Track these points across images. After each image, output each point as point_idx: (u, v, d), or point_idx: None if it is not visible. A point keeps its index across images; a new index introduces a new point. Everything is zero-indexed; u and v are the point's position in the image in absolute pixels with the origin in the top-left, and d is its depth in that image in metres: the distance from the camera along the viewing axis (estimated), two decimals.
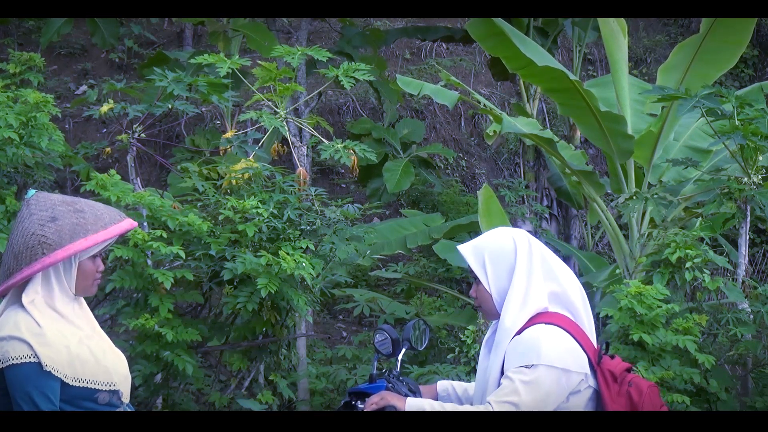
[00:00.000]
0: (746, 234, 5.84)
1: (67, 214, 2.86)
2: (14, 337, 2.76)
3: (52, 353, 2.76)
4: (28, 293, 2.83)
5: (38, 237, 2.81)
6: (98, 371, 2.84)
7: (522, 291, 3.07)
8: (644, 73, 12.72)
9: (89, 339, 2.89)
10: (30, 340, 2.75)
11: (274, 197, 5.17)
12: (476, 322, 5.71)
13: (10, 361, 2.75)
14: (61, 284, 2.87)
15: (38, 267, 2.81)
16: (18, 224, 2.88)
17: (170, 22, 12.53)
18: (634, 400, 3.03)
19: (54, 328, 2.81)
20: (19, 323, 2.79)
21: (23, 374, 2.73)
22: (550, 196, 9.87)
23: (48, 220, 2.84)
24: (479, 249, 3.13)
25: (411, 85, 7.05)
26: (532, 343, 3.00)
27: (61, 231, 2.83)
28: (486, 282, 3.10)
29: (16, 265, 2.83)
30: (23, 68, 6.27)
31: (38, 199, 2.90)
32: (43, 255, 2.81)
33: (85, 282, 2.92)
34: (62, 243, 2.82)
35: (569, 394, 3.02)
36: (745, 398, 5.46)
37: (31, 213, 2.87)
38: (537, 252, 3.11)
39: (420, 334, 3.47)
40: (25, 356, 2.74)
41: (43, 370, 2.73)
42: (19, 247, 2.83)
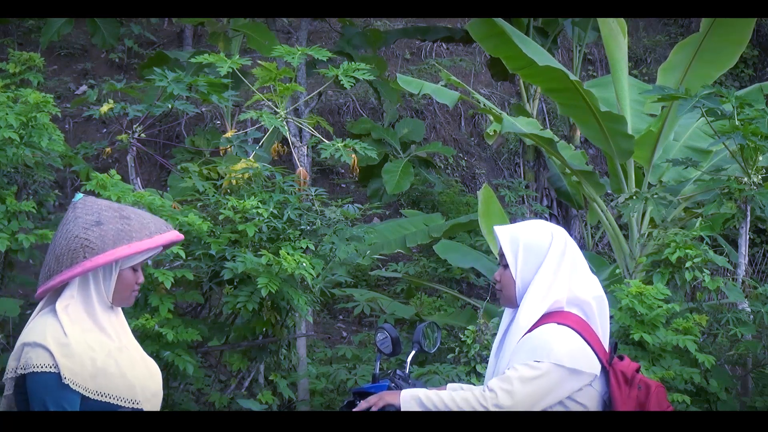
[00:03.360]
0: (746, 234, 5.84)
1: (113, 220, 2.81)
2: (39, 344, 2.72)
3: (74, 365, 2.71)
4: (63, 298, 2.79)
5: (81, 240, 2.76)
6: (122, 387, 2.78)
7: (545, 286, 3.09)
8: (644, 73, 12.72)
9: (120, 352, 2.83)
10: (53, 349, 2.71)
11: (274, 197, 5.17)
12: (476, 322, 5.71)
13: (32, 368, 2.71)
14: (99, 292, 2.82)
15: (78, 270, 2.76)
16: (62, 226, 2.83)
17: (170, 22, 12.53)
18: (641, 401, 3.04)
19: (82, 338, 2.76)
20: (46, 330, 2.74)
21: (42, 384, 2.70)
22: (550, 196, 9.88)
23: (93, 224, 2.79)
24: (516, 235, 3.15)
25: (411, 85, 7.05)
26: (542, 341, 3.02)
27: (104, 236, 2.78)
28: (514, 269, 3.12)
29: (56, 267, 2.78)
30: (23, 68, 6.27)
31: (85, 202, 2.85)
32: (85, 258, 2.75)
33: (123, 292, 2.87)
34: (105, 248, 2.77)
35: (573, 392, 3.03)
36: (745, 398, 5.47)
37: (77, 216, 2.82)
38: (569, 253, 3.13)
39: (436, 337, 3.48)
40: (46, 366, 2.70)
41: (61, 381, 2.69)
42: (61, 249, 2.78)
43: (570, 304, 3.11)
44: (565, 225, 9.82)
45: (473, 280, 9.26)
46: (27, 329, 2.81)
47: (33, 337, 2.75)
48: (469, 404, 3.02)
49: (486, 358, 5.46)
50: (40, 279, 2.84)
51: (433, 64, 12.32)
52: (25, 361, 2.73)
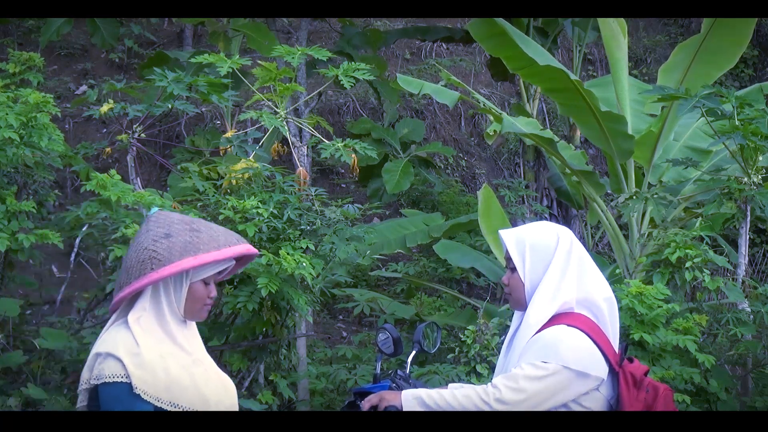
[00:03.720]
0: (746, 234, 5.84)
1: (182, 232, 2.80)
2: (111, 354, 2.72)
3: (147, 375, 2.70)
4: (135, 310, 2.79)
5: (149, 252, 2.77)
6: (195, 399, 2.77)
7: (553, 286, 3.08)
8: (644, 73, 12.72)
9: (194, 365, 2.82)
10: (125, 359, 2.70)
11: (274, 197, 5.16)
12: (476, 322, 5.71)
13: (104, 379, 2.71)
14: (170, 304, 2.81)
15: (145, 282, 2.75)
16: (135, 239, 2.84)
17: (170, 22, 12.54)
18: (649, 403, 3.04)
19: (154, 349, 2.75)
20: (118, 341, 2.74)
21: (114, 394, 2.69)
22: (550, 196, 9.88)
23: (162, 236, 2.79)
24: (522, 238, 3.14)
25: (411, 84, 7.05)
26: (551, 341, 3.02)
27: (172, 248, 2.77)
28: (522, 271, 3.12)
29: (126, 278, 2.79)
30: (23, 68, 6.27)
31: (158, 216, 2.86)
32: (151, 270, 2.75)
33: (194, 305, 2.85)
34: (171, 259, 2.76)
35: (579, 395, 3.03)
36: (745, 398, 5.46)
37: (149, 229, 2.82)
38: (576, 252, 3.12)
39: (436, 337, 3.48)
40: (118, 376, 2.70)
41: (132, 391, 2.69)
42: (131, 261, 2.79)
43: (580, 305, 3.10)
44: (565, 225, 9.75)
45: (473, 280, 9.26)
46: (99, 340, 2.80)
47: (105, 347, 2.74)
48: (471, 401, 3.01)
49: (486, 359, 5.46)
50: (114, 292, 2.84)
51: (433, 64, 12.33)
52: (98, 372, 2.72)
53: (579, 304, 3.10)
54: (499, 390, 3.01)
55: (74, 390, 5.42)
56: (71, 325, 6.47)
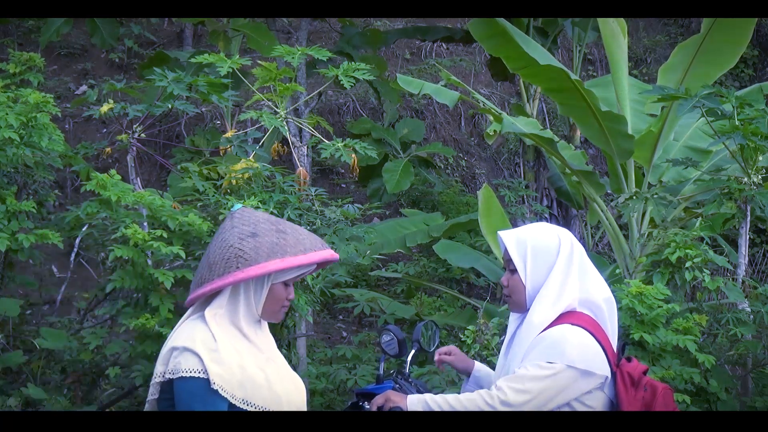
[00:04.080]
0: (746, 234, 5.84)
1: (269, 233, 2.78)
2: (188, 349, 2.70)
3: (223, 371, 2.69)
4: (213, 306, 2.76)
5: (235, 250, 2.74)
6: (269, 398, 2.76)
7: (556, 289, 3.08)
8: (644, 73, 12.72)
9: (267, 363, 2.80)
10: (202, 354, 2.68)
11: (274, 197, 5.16)
12: (476, 322, 5.70)
13: (180, 373, 2.68)
14: (248, 304, 2.78)
15: (230, 280, 2.73)
16: (218, 235, 2.81)
17: (170, 22, 12.54)
18: (647, 403, 3.04)
19: (231, 345, 2.73)
20: (195, 336, 2.72)
21: (190, 388, 2.68)
22: (550, 196, 9.88)
23: (248, 235, 2.76)
24: (522, 240, 3.14)
25: (411, 84, 7.05)
26: (556, 341, 3.01)
27: (259, 248, 2.74)
28: (524, 274, 3.11)
29: (208, 275, 2.75)
30: (23, 68, 6.27)
31: (242, 213, 2.83)
32: (237, 269, 2.72)
33: (272, 306, 2.83)
34: (258, 260, 2.73)
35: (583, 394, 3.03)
36: (745, 398, 5.46)
37: (233, 226, 2.79)
38: (577, 254, 3.13)
39: (432, 335, 3.48)
40: (195, 370, 2.68)
41: (210, 387, 2.67)
42: (214, 258, 2.76)
43: (581, 305, 3.11)
44: (565, 225, 9.82)
45: (473, 280, 9.26)
46: (175, 334, 2.78)
47: (182, 341, 2.72)
48: (475, 404, 3.01)
49: (486, 359, 5.46)
50: (192, 286, 2.81)
51: (433, 64, 12.33)
52: (174, 366, 2.70)
53: (581, 304, 3.11)
54: (504, 392, 3.00)
55: (74, 390, 5.42)
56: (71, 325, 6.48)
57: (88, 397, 5.45)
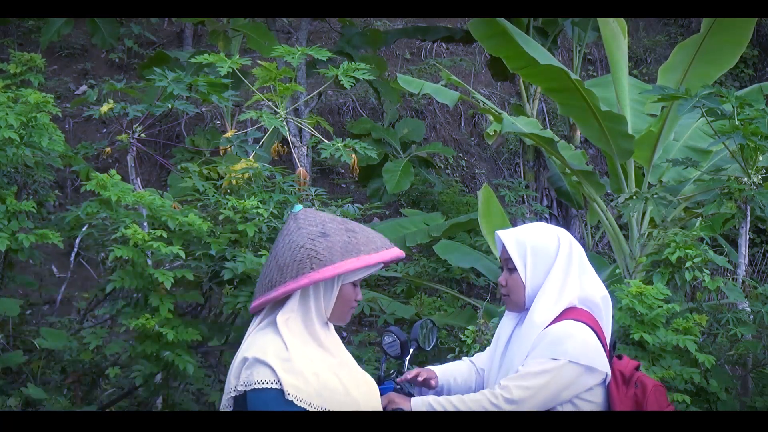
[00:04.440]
0: (746, 234, 5.84)
1: (339, 232, 2.72)
2: (259, 360, 2.64)
3: (298, 381, 2.62)
4: (284, 311, 2.69)
5: (308, 251, 2.66)
6: (347, 403, 2.70)
7: (557, 287, 3.10)
8: (644, 73, 12.72)
9: (340, 368, 2.75)
10: (275, 365, 2.62)
11: (274, 197, 5.16)
12: (476, 322, 5.70)
13: (253, 385, 2.63)
14: (318, 306, 2.72)
15: (305, 282, 2.65)
16: (284, 236, 2.74)
17: (170, 22, 12.54)
18: (639, 400, 3.05)
19: (303, 353, 2.66)
20: (267, 346, 2.65)
21: (264, 400, 2.62)
22: (550, 196, 9.88)
23: (318, 235, 2.69)
24: (522, 240, 3.15)
25: (412, 84, 7.05)
26: (560, 337, 3.03)
27: (332, 248, 2.68)
28: (524, 273, 3.12)
29: (279, 278, 2.68)
30: (24, 69, 6.27)
31: (306, 214, 2.77)
32: (311, 270, 2.65)
33: (342, 308, 2.77)
34: (333, 260, 2.67)
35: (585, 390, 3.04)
36: (745, 398, 5.46)
37: (300, 227, 2.72)
38: (576, 253, 3.15)
39: (427, 333, 3.48)
40: (268, 381, 2.62)
41: (284, 398, 2.61)
42: (285, 260, 2.68)
43: (581, 303, 3.13)
44: (565, 225, 9.82)
45: (473, 280, 9.26)
46: (246, 345, 2.72)
47: (253, 353, 2.66)
48: (479, 404, 3.01)
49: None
50: (258, 290, 2.74)
51: (433, 64, 12.33)
52: (246, 378, 2.64)
53: (580, 302, 3.13)
54: (509, 390, 3.01)
55: (74, 390, 5.42)
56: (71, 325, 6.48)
57: (88, 397, 5.45)
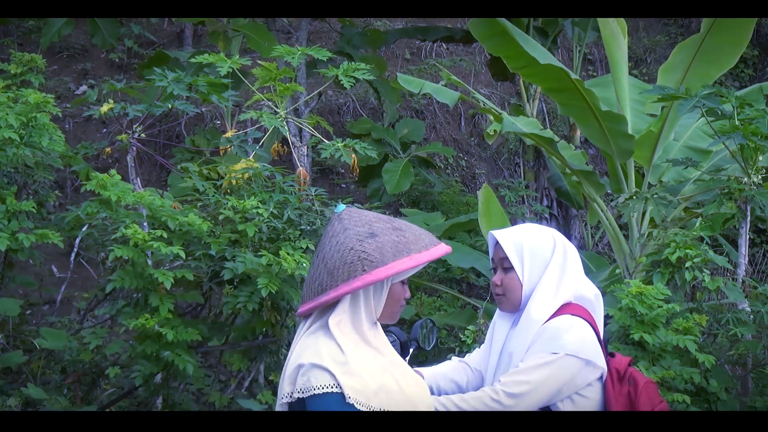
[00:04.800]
0: (746, 234, 5.84)
1: (387, 231, 2.67)
2: (316, 365, 2.59)
3: (357, 383, 2.59)
4: (336, 313, 2.65)
5: (358, 252, 2.62)
6: (404, 402, 2.67)
7: (554, 285, 3.12)
8: (644, 73, 12.72)
9: (393, 367, 2.72)
10: (333, 369, 2.58)
11: (274, 197, 5.17)
12: (476, 322, 5.70)
13: (312, 391, 2.59)
14: (368, 307, 2.68)
15: (358, 284, 2.61)
16: (330, 238, 2.69)
17: (170, 22, 12.54)
18: (631, 398, 3.07)
19: (358, 355, 2.63)
20: (322, 350, 2.61)
21: (325, 405, 2.58)
22: (550, 196, 9.88)
23: (367, 235, 2.64)
24: (518, 239, 3.16)
25: (412, 84, 7.05)
26: (558, 331, 3.04)
27: (382, 248, 2.63)
28: (521, 272, 3.13)
29: (330, 281, 2.63)
30: (24, 69, 6.28)
31: (351, 214, 2.71)
32: (364, 272, 2.61)
33: (392, 307, 2.74)
34: (385, 260, 2.62)
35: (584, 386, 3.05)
36: (745, 398, 5.46)
37: (346, 228, 2.67)
38: (571, 253, 3.18)
39: (427, 333, 3.48)
40: (328, 386, 2.58)
41: (345, 401, 2.58)
42: (334, 263, 2.63)
43: (576, 300, 3.16)
44: (565, 225, 9.83)
45: (473, 280, 9.26)
46: (298, 350, 2.68)
47: (308, 358, 2.61)
48: (481, 402, 3.02)
49: None
50: (307, 294, 2.69)
51: (433, 64, 12.33)
52: (303, 384, 2.60)
53: (575, 299, 3.16)
54: (509, 385, 3.02)
55: (74, 390, 5.42)
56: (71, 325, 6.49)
57: (88, 397, 5.45)
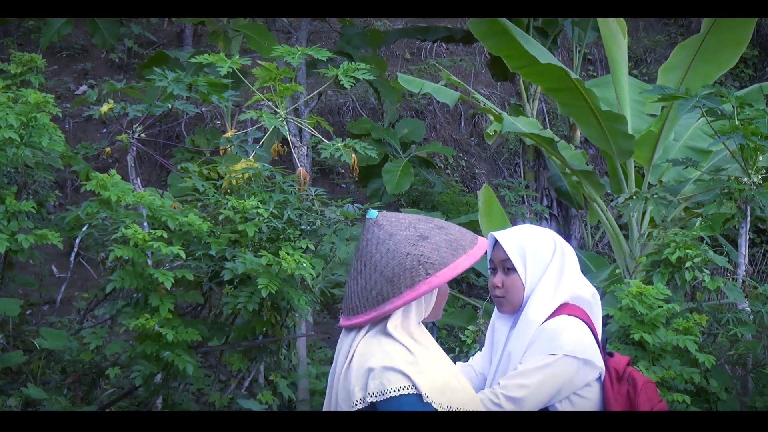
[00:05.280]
0: (746, 234, 5.84)
1: (434, 232, 2.62)
2: (389, 367, 2.55)
3: (429, 382, 2.56)
4: (394, 317, 2.61)
5: (416, 257, 2.57)
6: (466, 400, 2.66)
7: (552, 286, 3.13)
8: (644, 73, 12.72)
9: (447, 363, 2.69)
10: (406, 370, 2.55)
11: (274, 197, 5.16)
12: (476, 322, 5.71)
13: (388, 393, 2.54)
14: (419, 307, 2.65)
15: (425, 288, 2.57)
16: (377, 246, 2.63)
17: (170, 22, 12.54)
18: (630, 397, 3.07)
19: (422, 354, 2.61)
20: (389, 352, 2.58)
21: (403, 407, 2.54)
22: (550, 196, 9.88)
23: (417, 238, 2.59)
24: (519, 241, 3.16)
25: (412, 84, 7.05)
26: (556, 332, 3.04)
27: (438, 249, 2.59)
28: (524, 274, 3.13)
29: (392, 289, 2.58)
30: (24, 69, 6.27)
31: (388, 218, 2.66)
32: (428, 275, 2.57)
33: (439, 306, 2.72)
34: (445, 261, 2.59)
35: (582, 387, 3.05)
36: (745, 398, 5.46)
37: (391, 233, 2.62)
38: (569, 254, 3.18)
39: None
40: (405, 387, 2.54)
41: (423, 401, 2.54)
42: (392, 270, 2.58)
43: (573, 300, 3.16)
44: (565, 225, 9.84)
45: (473, 280, 9.26)
46: (362, 355, 2.62)
47: (378, 361, 2.57)
48: (481, 404, 3.02)
49: None
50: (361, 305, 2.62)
51: (433, 64, 12.33)
52: (377, 388, 2.55)
53: (573, 299, 3.16)
54: (508, 388, 3.01)
55: (74, 390, 5.42)
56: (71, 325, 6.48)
57: (88, 397, 5.44)
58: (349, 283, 2.70)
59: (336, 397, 2.70)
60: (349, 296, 2.68)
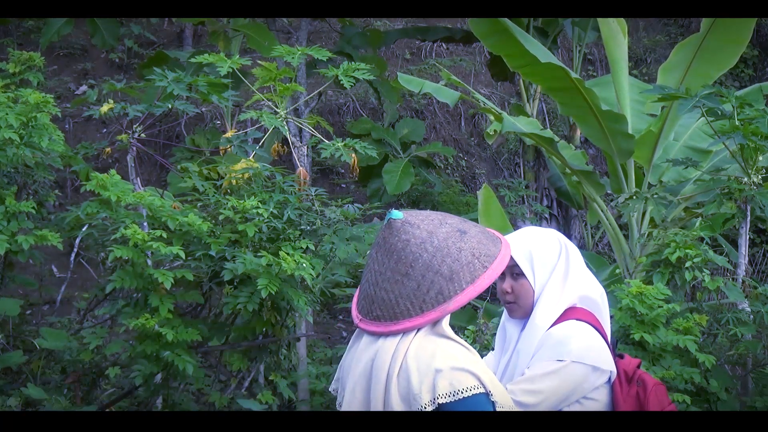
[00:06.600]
0: (746, 234, 5.84)
1: (465, 224, 2.58)
2: (458, 368, 2.51)
3: (491, 379, 2.54)
4: (446, 317, 2.58)
5: (469, 251, 2.54)
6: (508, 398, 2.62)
7: (558, 289, 3.11)
8: (644, 73, 12.73)
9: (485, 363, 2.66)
10: (473, 369, 2.51)
11: (274, 197, 5.16)
12: (476, 322, 5.70)
13: (461, 393, 2.48)
14: None
15: (486, 282, 2.54)
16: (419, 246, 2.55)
17: (170, 22, 12.54)
18: (640, 399, 3.06)
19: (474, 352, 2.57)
20: (452, 352, 2.53)
21: (475, 406, 2.49)
22: (550, 196, 9.88)
23: (459, 233, 2.56)
24: (527, 246, 3.15)
25: (412, 83, 7.05)
26: (563, 338, 3.03)
27: (482, 241, 2.56)
28: (533, 279, 3.12)
29: (453, 287, 2.53)
30: (23, 68, 6.27)
31: (418, 216, 2.60)
32: (485, 268, 2.55)
33: None
34: (494, 252, 2.57)
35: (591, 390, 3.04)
36: (745, 398, 5.46)
37: (431, 232, 2.56)
38: (573, 254, 3.16)
39: None
40: (475, 387, 2.49)
41: (489, 398, 2.51)
42: (450, 268, 2.53)
43: (581, 302, 3.14)
44: (565, 225, 9.83)
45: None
46: (421, 357, 2.54)
47: (443, 362, 2.52)
48: None
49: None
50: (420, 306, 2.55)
51: (433, 64, 12.33)
52: (446, 389, 2.49)
53: (580, 301, 3.13)
54: (516, 394, 3.00)
55: (74, 390, 5.42)
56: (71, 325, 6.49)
57: (88, 397, 5.44)
58: (383, 286, 2.59)
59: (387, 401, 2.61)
60: (389, 300, 2.58)
